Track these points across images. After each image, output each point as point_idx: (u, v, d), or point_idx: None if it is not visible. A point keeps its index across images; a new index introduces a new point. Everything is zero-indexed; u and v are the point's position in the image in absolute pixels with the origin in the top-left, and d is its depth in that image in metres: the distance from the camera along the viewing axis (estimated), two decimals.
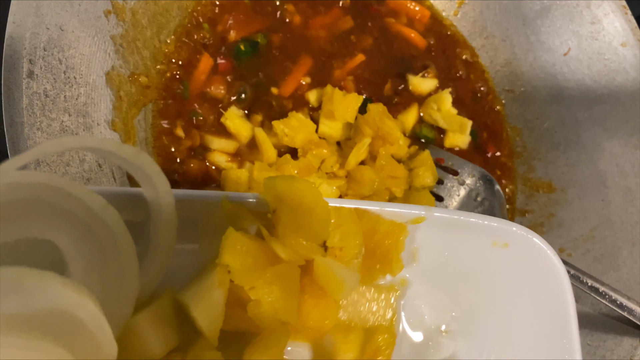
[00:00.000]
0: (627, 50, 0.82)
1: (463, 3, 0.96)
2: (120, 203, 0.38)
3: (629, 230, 0.76)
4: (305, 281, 0.42)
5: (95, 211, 0.36)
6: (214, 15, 0.84)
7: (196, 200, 0.43)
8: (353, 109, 0.76)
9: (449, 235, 0.47)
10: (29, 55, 0.59)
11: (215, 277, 0.39)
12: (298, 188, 0.41)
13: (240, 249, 0.39)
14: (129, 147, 0.37)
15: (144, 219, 0.40)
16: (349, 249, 0.42)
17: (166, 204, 0.39)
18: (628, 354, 0.66)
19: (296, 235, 0.40)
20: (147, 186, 0.39)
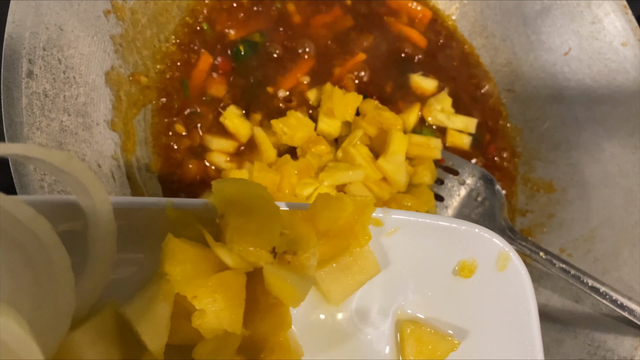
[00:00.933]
0: (628, 50, 0.82)
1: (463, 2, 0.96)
2: (55, 212, 0.36)
3: (629, 231, 0.76)
4: (258, 289, 0.40)
5: (23, 222, 0.33)
6: (213, 15, 0.84)
7: (138, 207, 0.41)
8: (352, 107, 0.76)
9: (403, 236, 0.47)
10: (28, 55, 0.59)
11: (159, 289, 0.36)
12: (248, 191, 0.39)
13: (180, 256, 0.37)
14: (58, 152, 0.34)
15: (84, 228, 0.38)
16: (302, 253, 0.40)
17: (103, 212, 0.37)
18: (629, 354, 0.66)
19: (244, 241, 0.38)
20: (82, 195, 0.37)
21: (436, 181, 0.79)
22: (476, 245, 0.47)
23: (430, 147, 0.78)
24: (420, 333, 0.46)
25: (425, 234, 0.47)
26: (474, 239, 0.47)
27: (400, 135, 0.74)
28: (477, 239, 0.47)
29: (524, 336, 0.46)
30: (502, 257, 0.47)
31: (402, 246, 0.47)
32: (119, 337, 0.37)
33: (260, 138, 0.75)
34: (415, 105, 0.86)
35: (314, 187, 0.72)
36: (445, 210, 0.78)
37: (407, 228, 0.47)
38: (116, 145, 0.70)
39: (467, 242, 0.47)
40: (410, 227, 0.47)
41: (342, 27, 0.89)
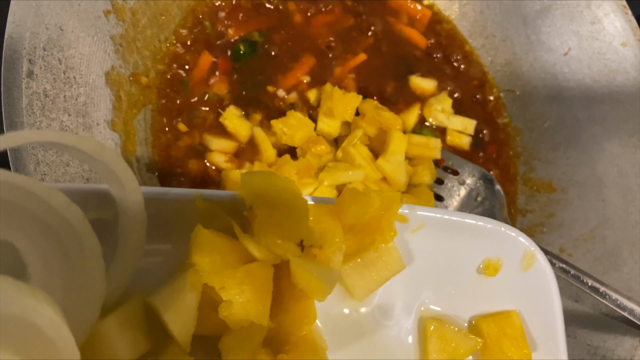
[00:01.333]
0: (628, 50, 0.82)
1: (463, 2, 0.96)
2: (87, 201, 0.36)
3: (629, 230, 0.76)
4: (284, 282, 0.40)
5: (57, 210, 0.33)
6: (213, 15, 0.84)
7: (168, 198, 0.41)
8: (352, 107, 0.76)
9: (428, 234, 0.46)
10: (28, 55, 0.59)
11: (187, 279, 0.37)
12: (276, 184, 0.39)
13: (208, 247, 0.37)
14: (92, 140, 0.34)
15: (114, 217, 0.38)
16: (328, 247, 0.41)
17: (134, 202, 0.37)
18: (629, 354, 0.66)
19: (272, 234, 0.38)
20: (114, 184, 0.37)
21: (436, 181, 0.79)
22: (501, 244, 0.47)
23: (429, 147, 0.78)
24: (444, 330, 0.46)
25: (450, 232, 0.47)
26: (500, 238, 0.47)
27: (400, 135, 0.74)
28: (503, 238, 0.47)
29: (548, 336, 0.46)
30: (527, 256, 0.47)
31: (427, 243, 0.47)
32: (146, 325, 0.38)
33: (260, 138, 0.75)
34: (415, 105, 0.86)
35: (314, 187, 0.72)
36: (444, 210, 0.78)
37: (432, 225, 0.46)
38: (116, 145, 0.70)
39: (493, 240, 0.47)
40: (436, 224, 0.46)
41: (342, 27, 0.89)
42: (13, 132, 0.31)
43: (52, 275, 0.33)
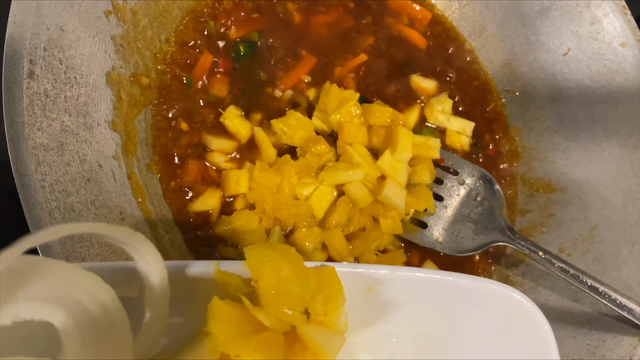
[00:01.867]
0: (627, 51, 0.82)
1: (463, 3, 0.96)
2: (114, 278, 0.40)
3: (628, 230, 0.76)
4: (297, 346, 0.43)
5: (91, 291, 0.37)
6: (214, 15, 0.85)
7: (189, 270, 0.45)
8: (348, 104, 0.76)
9: (421, 294, 0.48)
10: (29, 56, 0.59)
11: (206, 346, 0.41)
12: (275, 258, 0.43)
13: (224, 318, 0.41)
14: (122, 228, 0.39)
15: (139, 293, 0.42)
16: (332, 312, 0.44)
17: (159, 277, 0.41)
18: (627, 353, 0.66)
19: (279, 304, 0.42)
20: (141, 262, 0.41)
21: (436, 181, 0.79)
22: (493, 302, 0.48)
23: (429, 147, 0.78)
24: None
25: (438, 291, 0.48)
26: (491, 296, 0.48)
27: (407, 131, 0.75)
28: (494, 296, 0.48)
29: None
30: (521, 312, 0.48)
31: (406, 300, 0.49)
32: None
33: (260, 138, 0.76)
34: (416, 105, 0.86)
35: (314, 187, 0.72)
36: (444, 209, 0.78)
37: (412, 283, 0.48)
38: (117, 146, 0.70)
39: (484, 297, 0.48)
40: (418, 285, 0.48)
41: (343, 27, 0.90)
42: (50, 228, 0.36)
43: (86, 350, 0.36)
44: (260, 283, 0.42)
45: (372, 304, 0.49)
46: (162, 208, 0.73)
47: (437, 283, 0.48)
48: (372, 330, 0.49)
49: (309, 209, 0.71)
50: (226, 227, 0.71)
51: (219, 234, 0.72)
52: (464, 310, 0.48)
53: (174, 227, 0.73)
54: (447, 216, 0.77)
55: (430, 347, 0.49)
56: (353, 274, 0.48)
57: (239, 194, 0.74)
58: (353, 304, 0.46)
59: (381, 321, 0.49)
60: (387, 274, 0.48)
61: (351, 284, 0.46)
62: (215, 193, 0.74)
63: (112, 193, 0.66)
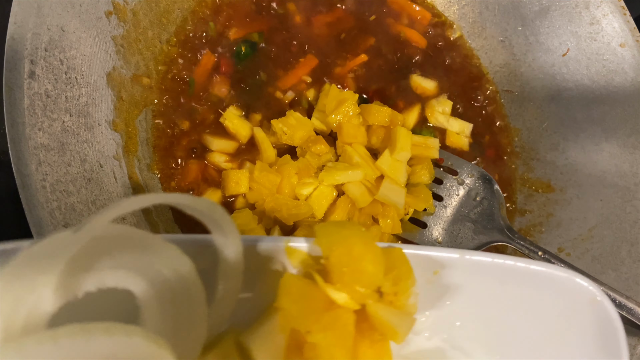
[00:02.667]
0: (626, 51, 0.82)
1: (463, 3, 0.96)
2: (189, 250, 0.40)
3: (627, 230, 0.76)
4: (364, 325, 0.43)
5: (170, 260, 0.38)
6: (214, 16, 0.85)
7: (260, 245, 0.45)
8: (347, 104, 0.76)
9: (486, 279, 0.47)
10: (30, 56, 0.59)
11: (276, 322, 0.41)
12: (348, 235, 0.42)
13: (296, 293, 0.41)
14: (204, 200, 0.40)
15: (210, 265, 0.42)
16: (403, 293, 0.43)
17: (235, 251, 0.41)
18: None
19: (350, 281, 0.41)
20: (218, 234, 0.41)
21: (435, 181, 0.79)
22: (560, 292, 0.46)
23: (428, 147, 0.78)
24: None
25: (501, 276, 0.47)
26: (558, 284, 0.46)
27: (405, 130, 0.75)
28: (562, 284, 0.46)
29: None
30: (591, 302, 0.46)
31: (471, 285, 0.48)
32: None
33: (260, 138, 0.76)
34: (416, 105, 0.87)
35: (314, 187, 0.72)
36: (444, 209, 0.78)
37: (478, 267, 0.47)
38: (118, 146, 0.70)
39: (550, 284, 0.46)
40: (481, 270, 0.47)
41: (343, 27, 0.90)
42: (135, 197, 0.36)
43: (164, 320, 0.37)
44: (331, 260, 0.42)
45: (437, 288, 0.48)
46: (163, 208, 0.73)
47: (502, 268, 0.47)
48: (437, 313, 0.48)
49: (309, 209, 0.71)
50: None
51: None
52: (529, 297, 0.47)
53: (175, 226, 0.73)
54: (447, 216, 0.78)
55: (493, 332, 0.48)
56: (419, 256, 0.47)
57: (239, 194, 0.74)
58: (418, 287, 0.45)
59: (445, 304, 0.48)
60: (455, 257, 0.47)
61: (417, 266, 0.45)
62: (215, 193, 0.74)
63: (113, 193, 0.66)
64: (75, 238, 0.33)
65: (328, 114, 0.76)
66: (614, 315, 0.45)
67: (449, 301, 0.48)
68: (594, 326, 0.46)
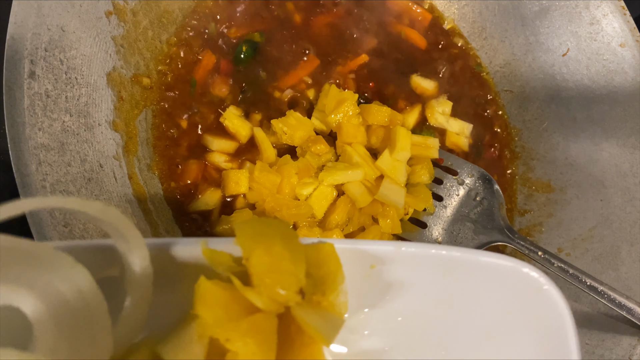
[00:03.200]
0: (626, 51, 0.82)
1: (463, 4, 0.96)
2: (94, 257, 0.37)
3: (627, 230, 0.76)
4: (293, 328, 0.40)
5: (63, 271, 0.35)
6: (214, 16, 0.85)
7: (172, 248, 0.42)
8: (346, 104, 0.76)
9: (427, 271, 0.45)
10: (30, 56, 0.59)
11: (194, 330, 0.38)
12: (268, 234, 0.39)
13: (212, 299, 0.38)
14: (96, 203, 0.36)
15: (120, 272, 0.39)
16: (331, 292, 0.41)
17: (140, 256, 0.38)
18: (627, 353, 0.67)
19: (272, 283, 0.38)
20: (120, 240, 0.38)
21: (435, 181, 0.79)
22: (514, 279, 0.44)
23: (427, 147, 0.78)
24: None
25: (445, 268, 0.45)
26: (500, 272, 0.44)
27: (405, 130, 0.75)
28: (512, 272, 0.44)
29: None
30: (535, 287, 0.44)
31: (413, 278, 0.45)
32: None
33: (260, 138, 0.76)
34: (417, 105, 0.87)
35: (314, 187, 0.72)
36: (444, 209, 0.78)
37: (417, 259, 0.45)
38: (118, 146, 0.70)
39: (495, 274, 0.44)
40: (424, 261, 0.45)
41: (343, 27, 0.90)
42: (14, 201, 0.32)
43: (60, 336, 0.33)
44: (251, 261, 0.39)
45: (374, 283, 0.45)
46: (163, 208, 0.73)
47: (443, 259, 0.44)
48: (376, 310, 0.46)
49: (309, 209, 0.71)
50: (226, 227, 0.71)
51: (218, 233, 0.72)
52: (473, 288, 0.45)
53: (175, 226, 0.73)
54: (447, 216, 0.78)
55: (436, 328, 0.46)
56: (353, 250, 0.44)
57: (239, 194, 0.74)
58: (354, 283, 0.43)
59: (385, 301, 0.46)
60: (390, 250, 0.44)
61: (352, 261, 0.43)
62: (215, 193, 0.74)
63: (113, 193, 0.66)
64: None
65: (328, 114, 0.76)
66: (561, 303, 0.44)
67: (388, 297, 0.45)
68: (542, 316, 0.44)
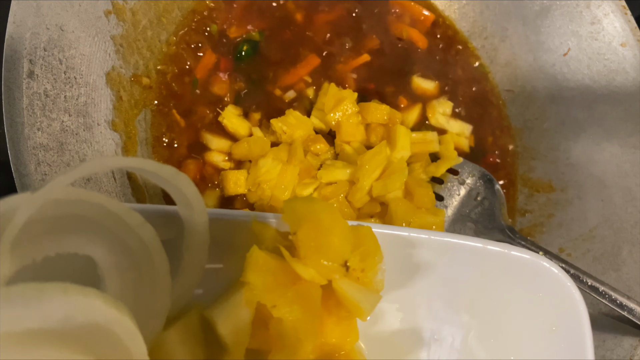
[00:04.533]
0: (627, 51, 0.82)
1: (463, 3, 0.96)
2: (155, 221, 0.39)
3: (628, 230, 0.76)
4: (331, 302, 0.43)
5: (132, 228, 0.37)
6: (214, 15, 0.85)
7: (227, 219, 0.45)
8: (344, 103, 0.76)
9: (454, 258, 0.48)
10: (29, 55, 0.59)
11: (242, 296, 0.40)
12: (316, 210, 0.41)
13: (262, 267, 0.40)
14: (168, 167, 0.38)
15: (176, 236, 0.41)
16: (370, 269, 0.43)
17: (200, 223, 0.40)
18: (628, 353, 0.66)
19: (317, 256, 0.41)
20: (183, 205, 0.40)
21: (436, 181, 0.79)
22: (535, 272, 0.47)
23: (427, 142, 0.78)
24: None
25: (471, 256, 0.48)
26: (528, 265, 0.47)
27: (405, 129, 0.75)
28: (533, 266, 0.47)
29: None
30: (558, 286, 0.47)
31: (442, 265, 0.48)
32: (203, 337, 0.41)
33: None
34: (417, 105, 0.87)
35: (314, 187, 0.72)
36: (445, 209, 0.78)
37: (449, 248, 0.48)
38: (117, 145, 0.70)
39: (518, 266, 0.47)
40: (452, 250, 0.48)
41: (344, 27, 0.90)
42: (100, 158, 0.35)
43: (126, 288, 0.36)
44: (298, 235, 0.41)
45: (406, 266, 0.48)
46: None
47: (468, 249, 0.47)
48: (405, 291, 0.49)
49: None
50: None
51: None
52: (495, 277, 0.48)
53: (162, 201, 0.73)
54: (448, 216, 0.77)
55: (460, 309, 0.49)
56: (388, 235, 0.47)
57: (238, 194, 0.74)
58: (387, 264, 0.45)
59: (413, 283, 0.49)
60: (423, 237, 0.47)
61: (386, 245, 0.45)
62: (214, 193, 0.74)
63: (112, 193, 0.66)
64: (33, 199, 0.31)
65: (327, 113, 0.76)
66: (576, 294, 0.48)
67: (416, 279, 0.48)
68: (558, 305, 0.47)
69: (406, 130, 0.75)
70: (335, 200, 0.71)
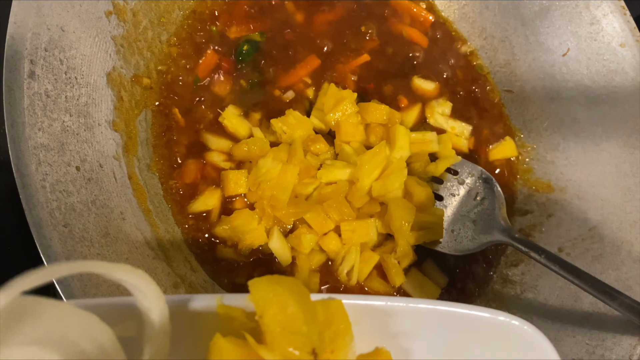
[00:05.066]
0: (626, 51, 0.82)
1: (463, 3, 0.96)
2: (112, 315, 0.39)
3: (627, 230, 0.76)
4: None
5: (88, 331, 0.36)
6: (215, 15, 0.85)
7: (191, 304, 0.44)
8: (344, 103, 0.76)
9: (432, 325, 0.47)
10: (30, 56, 0.59)
11: None
12: (281, 292, 0.40)
13: (225, 357, 0.39)
14: (121, 266, 0.37)
15: (138, 332, 0.40)
16: (340, 350, 0.42)
17: (159, 315, 0.39)
18: (627, 353, 0.67)
19: (284, 343, 0.39)
20: (140, 297, 0.39)
21: (435, 181, 0.79)
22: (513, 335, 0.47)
23: (426, 142, 0.79)
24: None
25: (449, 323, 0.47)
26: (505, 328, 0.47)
27: (404, 129, 0.75)
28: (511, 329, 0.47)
29: None
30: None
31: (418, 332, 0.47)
32: None
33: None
34: (417, 105, 0.87)
35: (314, 187, 0.72)
36: (444, 209, 0.78)
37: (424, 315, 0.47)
38: (117, 146, 0.70)
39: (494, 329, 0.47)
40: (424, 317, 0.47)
41: (344, 27, 0.90)
42: (45, 268, 0.34)
43: None
44: (265, 319, 0.40)
45: (379, 335, 0.47)
46: (163, 208, 0.73)
47: (445, 315, 0.47)
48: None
49: (309, 207, 0.71)
50: (226, 227, 0.71)
51: (218, 233, 0.72)
52: (469, 340, 0.47)
53: (174, 227, 0.73)
54: (447, 216, 0.78)
55: None
56: (359, 306, 0.46)
57: (238, 194, 0.74)
58: (359, 333, 0.44)
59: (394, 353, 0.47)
60: (400, 306, 0.46)
61: (358, 315, 0.45)
62: (215, 193, 0.74)
63: (112, 193, 0.66)
64: None
65: (326, 113, 0.76)
66: (550, 352, 0.46)
67: (392, 348, 0.47)
68: None
69: (405, 130, 0.75)
70: (335, 200, 0.71)
